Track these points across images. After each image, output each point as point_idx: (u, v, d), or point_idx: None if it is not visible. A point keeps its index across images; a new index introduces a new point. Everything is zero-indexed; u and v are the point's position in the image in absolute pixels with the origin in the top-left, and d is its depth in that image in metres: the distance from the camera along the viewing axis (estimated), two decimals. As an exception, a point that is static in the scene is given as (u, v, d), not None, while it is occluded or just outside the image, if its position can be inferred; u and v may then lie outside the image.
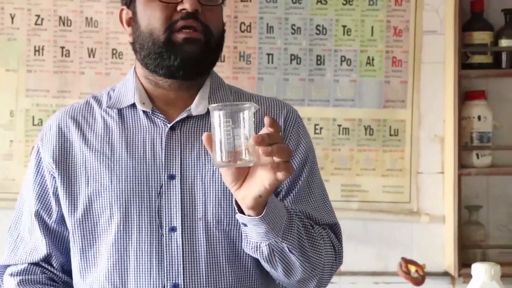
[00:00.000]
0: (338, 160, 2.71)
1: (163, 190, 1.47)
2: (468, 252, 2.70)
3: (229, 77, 2.67)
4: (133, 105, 1.53)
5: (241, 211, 1.31)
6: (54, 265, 1.54)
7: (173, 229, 1.45)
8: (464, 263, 2.65)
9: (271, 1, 2.71)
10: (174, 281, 1.43)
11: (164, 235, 1.45)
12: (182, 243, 1.45)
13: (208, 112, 1.49)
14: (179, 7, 1.45)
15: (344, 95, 2.73)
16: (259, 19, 2.71)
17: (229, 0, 2.65)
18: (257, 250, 1.37)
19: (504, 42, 2.68)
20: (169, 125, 1.50)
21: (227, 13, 2.65)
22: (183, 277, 1.43)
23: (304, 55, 2.73)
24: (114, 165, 1.49)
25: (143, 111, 1.51)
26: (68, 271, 1.55)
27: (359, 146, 2.73)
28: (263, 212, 1.29)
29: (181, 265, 1.44)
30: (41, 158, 1.55)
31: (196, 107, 1.51)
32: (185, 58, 1.45)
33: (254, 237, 1.34)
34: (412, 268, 2.59)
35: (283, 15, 2.72)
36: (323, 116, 2.71)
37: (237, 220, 1.34)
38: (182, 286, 1.43)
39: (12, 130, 2.68)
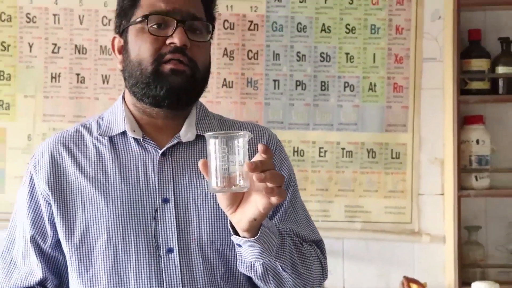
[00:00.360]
0: (342, 182, 2.71)
1: (158, 213, 1.48)
2: (468, 271, 2.71)
3: (236, 102, 2.69)
4: (124, 133, 1.53)
5: (236, 233, 1.33)
6: None
7: (170, 250, 1.46)
8: (464, 281, 2.65)
9: (277, 30, 2.73)
10: None
11: (162, 257, 1.46)
12: (180, 264, 1.46)
13: (196, 139, 1.53)
14: (168, 41, 1.46)
15: (347, 119, 2.74)
16: (266, 47, 2.73)
17: (237, 29, 2.70)
18: (251, 269, 1.39)
19: (501, 69, 2.71)
20: (160, 151, 1.51)
21: (235, 42, 2.70)
22: None
23: (309, 81, 2.75)
24: (109, 191, 1.49)
25: (134, 138, 1.52)
26: None
27: (362, 168, 2.74)
28: (258, 234, 1.31)
29: (180, 285, 1.45)
30: (34, 184, 1.54)
31: (185, 134, 1.53)
32: (171, 88, 1.47)
33: (249, 257, 1.36)
34: (414, 287, 2.57)
35: (288, 43, 2.74)
36: (327, 140, 2.72)
37: (231, 240, 1.36)
38: None
39: (29, 154, 2.64)
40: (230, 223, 1.33)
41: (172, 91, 1.47)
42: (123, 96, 1.59)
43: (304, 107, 2.74)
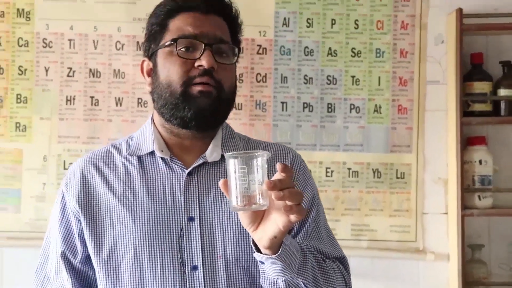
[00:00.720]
0: (348, 201, 2.72)
1: (184, 231, 1.50)
2: (471, 288, 2.69)
3: (246, 123, 2.71)
4: (152, 152, 1.56)
5: (258, 250, 1.34)
6: None
7: (195, 268, 1.48)
8: (468, 299, 2.64)
9: (285, 54, 2.75)
10: None
11: (187, 274, 1.48)
12: (204, 281, 1.48)
13: (221, 159, 1.55)
14: (196, 64, 1.49)
15: (353, 140, 2.75)
16: (274, 70, 2.75)
17: (246, 53, 2.72)
18: (274, 285, 1.39)
19: (502, 92, 2.70)
20: (186, 171, 1.53)
21: (245, 65, 2.72)
22: None
23: (316, 103, 2.76)
24: (136, 209, 1.52)
25: (162, 158, 1.55)
26: None
27: (368, 188, 2.75)
28: (279, 251, 1.32)
29: None
30: (66, 202, 1.58)
31: (211, 154, 1.55)
32: (198, 110, 1.49)
33: (271, 273, 1.37)
34: (419, 304, 2.56)
35: (296, 67, 2.76)
36: (334, 160, 2.73)
37: (255, 257, 1.37)
38: None
39: (45, 174, 2.70)
40: (253, 240, 1.35)
41: (199, 112, 1.50)
42: (152, 117, 1.62)
43: (311, 128, 2.76)
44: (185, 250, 1.49)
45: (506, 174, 2.78)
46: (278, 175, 1.27)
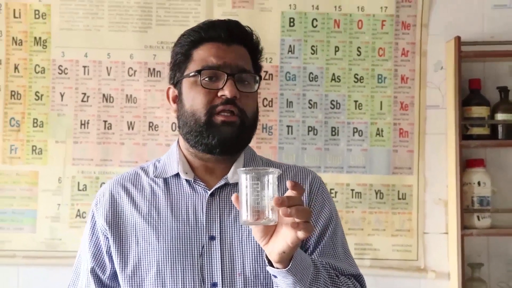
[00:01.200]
0: (352, 221, 2.75)
1: (205, 249, 1.53)
2: (472, 306, 2.69)
3: (253, 146, 2.62)
4: (177, 174, 1.60)
5: (271, 264, 1.36)
6: None
7: (214, 285, 1.51)
8: (468, 316, 2.63)
9: (290, 79, 2.80)
10: None
11: None
12: None
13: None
14: (219, 93, 1.53)
15: (356, 162, 2.78)
16: (280, 95, 2.79)
17: None
18: None
19: (499, 116, 2.73)
20: (209, 192, 1.57)
21: None
22: None
23: (320, 127, 2.79)
24: (160, 227, 1.56)
25: (186, 180, 1.59)
26: None
27: (371, 208, 2.78)
28: (289, 265, 1.33)
29: None
30: (95, 221, 1.63)
31: (232, 176, 1.58)
32: (222, 138, 1.53)
33: (284, 287, 1.38)
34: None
35: (301, 92, 2.80)
36: (338, 182, 2.77)
37: (268, 270, 1.38)
38: None
39: (59, 195, 2.75)
40: (266, 255, 1.37)
41: (223, 140, 1.53)
42: (178, 141, 1.66)
43: (316, 151, 2.79)
44: (206, 267, 1.53)
45: (504, 195, 2.80)
46: (289, 192, 1.29)
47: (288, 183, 1.29)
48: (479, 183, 2.73)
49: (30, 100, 2.79)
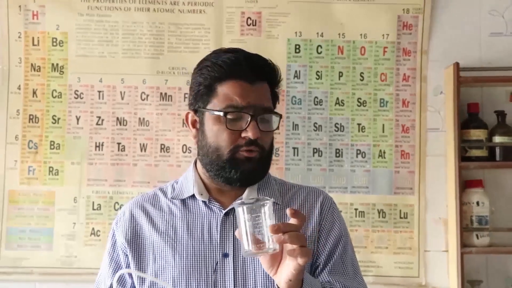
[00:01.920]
0: (355, 240, 2.74)
1: (219, 266, 1.56)
2: (471, 322, 2.70)
3: None
4: (193, 195, 1.63)
5: None
6: None
7: None
8: (468, 331, 2.66)
9: (296, 103, 2.84)
10: None
11: None
12: None
13: (257, 201, 1.53)
14: (243, 134, 1.53)
15: (359, 183, 2.82)
16: (286, 118, 2.83)
17: None
18: None
19: (497, 139, 2.76)
20: (224, 211, 1.59)
21: None
22: None
23: (325, 148, 2.83)
24: (176, 245, 1.59)
25: (202, 200, 1.62)
26: None
27: (373, 227, 2.81)
28: None
29: None
30: (116, 239, 1.67)
31: (247, 197, 1.60)
32: (243, 173, 1.55)
33: None
34: (422, 336, 2.57)
35: (306, 115, 2.85)
36: (342, 201, 2.78)
37: None
38: None
39: (75, 214, 2.80)
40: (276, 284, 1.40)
41: (245, 175, 1.56)
42: (195, 163, 1.68)
43: (321, 172, 2.83)
44: (219, 284, 1.55)
45: (502, 214, 2.82)
46: (292, 220, 1.33)
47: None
48: (478, 203, 2.75)
49: (48, 124, 2.86)
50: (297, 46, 2.88)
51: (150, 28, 2.90)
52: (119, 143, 2.87)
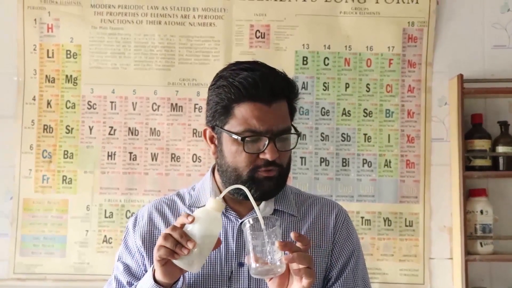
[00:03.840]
0: (362, 247, 2.77)
1: (233, 275, 1.56)
2: (475, 328, 2.74)
3: None
4: None
5: None
6: None
7: None
8: (473, 338, 2.69)
9: (303, 114, 2.87)
10: None
11: None
12: None
13: (274, 212, 1.60)
14: (261, 156, 1.51)
15: (366, 191, 2.85)
16: None
17: None
18: None
19: (500, 149, 2.79)
20: (240, 221, 1.59)
21: None
22: None
23: (332, 158, 2.86)
24: None
25: None
26: None
27: (379, 235, 2.83)
28: None
29: None
30: (133, 240, 1.66)
31: (264, 208, 1.60)
32: (263, 192, 1.54)
33: None
34: None
35: (314, 125, 2.88)
36: (348, 210, 2.56)
37: None
38: None
39: (88, 222, 2.84)
40: None
41: (263, 192, 1.54)
42: (213, 171, 1.66)
43: (328, 181, 2.86)
44: None
45: (505, 223, 2.84)
46: (297, 244, 1.34)
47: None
48: (481, 212, 2.76)
49: (61, 134, 2.91)
50: (305, 58, 2.92)
51: (161, 41, 2.94)
52: (130, 153, 2.90)
